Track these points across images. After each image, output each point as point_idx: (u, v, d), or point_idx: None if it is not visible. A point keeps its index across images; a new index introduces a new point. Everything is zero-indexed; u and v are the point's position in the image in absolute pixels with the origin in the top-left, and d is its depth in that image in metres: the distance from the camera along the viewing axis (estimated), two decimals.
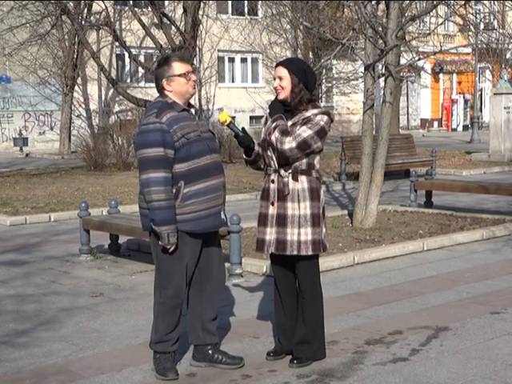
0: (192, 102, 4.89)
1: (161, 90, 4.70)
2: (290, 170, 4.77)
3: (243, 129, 4.80)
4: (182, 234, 4.57)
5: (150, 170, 4.49)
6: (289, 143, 4.67)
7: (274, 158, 4.79)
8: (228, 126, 4.76)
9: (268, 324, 5.69)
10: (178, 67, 4.66)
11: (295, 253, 4.76)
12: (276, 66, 4.88)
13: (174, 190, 4.54)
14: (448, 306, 6.28)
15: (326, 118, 4.77)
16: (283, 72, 4.77)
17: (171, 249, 4.55)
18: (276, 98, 4.89)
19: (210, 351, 4.85)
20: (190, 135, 4.57)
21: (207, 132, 4.75)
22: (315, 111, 4.77)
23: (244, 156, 4.88)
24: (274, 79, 4.84)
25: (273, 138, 4.73)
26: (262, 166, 4.91)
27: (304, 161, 4.77)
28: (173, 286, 4.64)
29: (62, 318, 6.06)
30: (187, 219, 4.56)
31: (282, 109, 4.82)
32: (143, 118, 4.65)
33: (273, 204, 4.80)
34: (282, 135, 4.69)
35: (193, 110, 4.75)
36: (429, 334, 5.47)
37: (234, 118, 30.92)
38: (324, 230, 4.88)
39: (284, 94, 4.78)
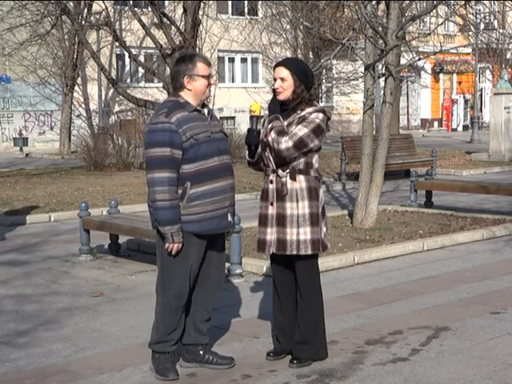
0: None
1: (178, 87, 4.64)
2: (288, 170, 4.77)
3: (259, 130, 4.80)
4: (188, 235, 4.56)
5: (156, 170, 4.48)
6: (285, 143, 4.66)
7: (272, 159, 4.79)
8: (254, 116, 4.74)
9: (268, 324, 5.69)
10: (202, 68, 4.62)
11: (295, 252, 4.75)
12: (276, 66, 4.84)
13: (181, 191, 4.53)
14: (448, 306, 6.28)
15: (321, 115, 4.75)
16: (285, 73, 4.75)
17: (174, 249, 4.54)
18: (274, 97, 4.87)
19: (200, 352, 4.84)
20: (199, 136, 4.54)
21: (219, 133, 4.72)
22: (310, 109, 4.76)
23: (247, 157, 4.88)
24: (275, 80, 4.82)
25: (269, 138, 4.72)
26: (263, 167, 4.92)
27: (302, 160, 4.76)
28: (176, 286, 4.62)
29: (61, 318, 6.06)
30: (192, 220, 4.55)
31: (279, 109, 4.81)
32: (153, 116, 4.62)
33: (272, 204, 4.80)
34: (278, 135, 4.68)
35: (206, 110, 4.71)
36: (429, 334, 5.47)
37: (234, 117, 30.94)
38: (324, 229, 4.88)
39: (285, 95, 4.76)
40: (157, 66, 24.37)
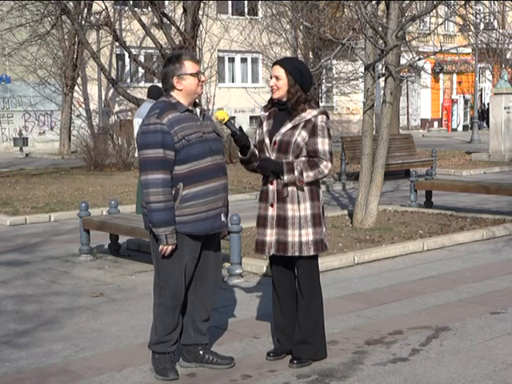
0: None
1: (169, 88, 4.65)
2: None
3: (240, 128, 4.80)
4: (181, 235, 4.57)
5: (149, 172, 4.48)
6: (326, 168, 4.71)
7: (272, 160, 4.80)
8: (225, 124, 4.76)
9: (268, 324, 5.69)
10: (190, 66, 4.62)
11: (297, 254, 4.75)
12: (273, 65, 4.88)
13: (173, 192, 4.53)
14: (448, 306, 6.28)
15: (325, 117, 4.80)
16: (280, 72, 4.77)
17: (168, 251, 4.54)
18: (268, 105, 4.86)
19: (200, 351, 4.84)
20: (191, 137, 4.54)
21: (211, 133, 4.71)
22: (314, 112, 4.77)
23: (240, 155, 4.90)
24: (271, 78, 4.84)
25: (307, 179, 4.68)
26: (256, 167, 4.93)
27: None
28: (171, 286, 4.63)
29: (62, 318, 6.06)
30: (186, 221, 4.55)
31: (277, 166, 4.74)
32: (145, 118, 4.62)
33: (272, 205, 4.80)
34: (314, 168, 4.68)
35: (198, 110, 4.71)
36: (429, 334, 5.47)
37: (233, 117, 30.93)
38: (324, 229, 4.88)
39: (279, 94, 4.79)
40: (157, 66, 24.35)
